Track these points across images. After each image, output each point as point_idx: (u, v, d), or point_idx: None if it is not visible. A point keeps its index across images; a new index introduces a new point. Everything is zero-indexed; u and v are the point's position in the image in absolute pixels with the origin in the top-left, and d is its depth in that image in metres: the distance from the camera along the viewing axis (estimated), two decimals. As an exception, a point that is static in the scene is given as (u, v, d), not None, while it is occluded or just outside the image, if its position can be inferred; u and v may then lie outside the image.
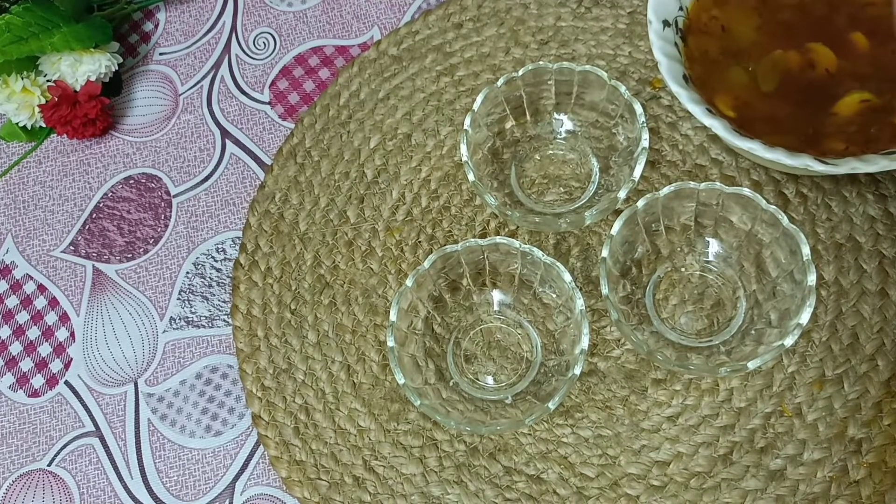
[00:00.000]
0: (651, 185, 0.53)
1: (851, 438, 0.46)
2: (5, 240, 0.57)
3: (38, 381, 0.53)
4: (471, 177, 0.47)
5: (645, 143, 0.46)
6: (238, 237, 0.55)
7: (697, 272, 0.49)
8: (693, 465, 0.46)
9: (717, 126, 0.43)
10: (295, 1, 0.62)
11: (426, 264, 0.46)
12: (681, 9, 0.48)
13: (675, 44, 0.47)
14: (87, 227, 0.57)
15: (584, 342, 0.43)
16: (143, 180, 0.58)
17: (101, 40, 0.57)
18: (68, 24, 0.56)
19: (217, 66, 0.61)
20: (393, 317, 0.45)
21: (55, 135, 0.59)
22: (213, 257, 0.55)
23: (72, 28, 0.56)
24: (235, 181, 0.57)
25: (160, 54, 0.62)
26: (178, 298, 0.54)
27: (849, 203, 0.51)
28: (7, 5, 0.56)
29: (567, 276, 0.44)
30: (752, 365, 0.41)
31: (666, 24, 0.47)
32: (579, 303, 0.44)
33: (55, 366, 0.54)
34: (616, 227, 0.45)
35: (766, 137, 0.44)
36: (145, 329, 0.54)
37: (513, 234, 0.52)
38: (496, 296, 0.50)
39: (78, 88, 0.56)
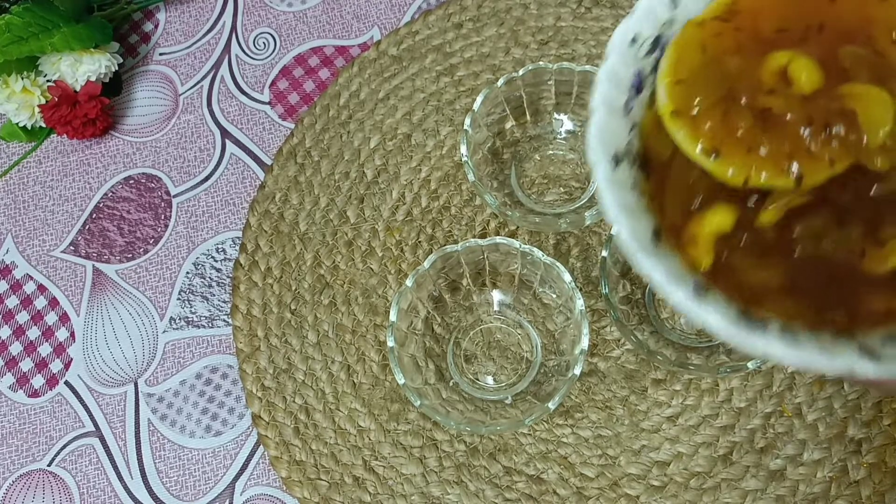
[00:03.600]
0: (651, 185, 0.53)
1: (851, 438, 0.46)
2: (5, 240, 0.57)
3: (38, 381, 0.53)
4: (471, 177, 0.47)
5: (645, 143, 0.46)
6: (238, 237, 0.55)
7: None
8: (693, 465, 0.46)
9: (715, 322, 0.28)
10: (295, 1, 0.62)
11: (426, 264, 0.46)
12: (633, 128, 0.33)
13: (634, 182, 0.33)
14: (87, 227, 0.57)
15: (584, 342, 0.43)
16: (143, 180, 0.58)
17: (101, 40, 0.57)
18: (68, 24, 0.56)
19: (217, 66, 0.61)
20: (393, 317, 0.45)
21: (55, 135, 0.59)
22: (213, 257, 0.55)
23: (72, 28, 0.56)
24: (235, 181, 0.57)
25: (160, 54, 0.62)
26: (178, 298, 0.54)
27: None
28: (7, 5, 0.56)
29: (567, 276, 0.44)
30: (751, 365, 0.41)
31: (616, 160, 0.33)
32: (579, 303, 0.44)
33: (55, 366, 0.54)
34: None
35: (774, 304, 0.30)
36: (145, 329, 0.54)
37: (513, 234, 0.52)
38: (496, 296, 0.50)
39: (78, 88, 0.56)
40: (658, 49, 0.34)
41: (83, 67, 0.56)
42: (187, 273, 0.55)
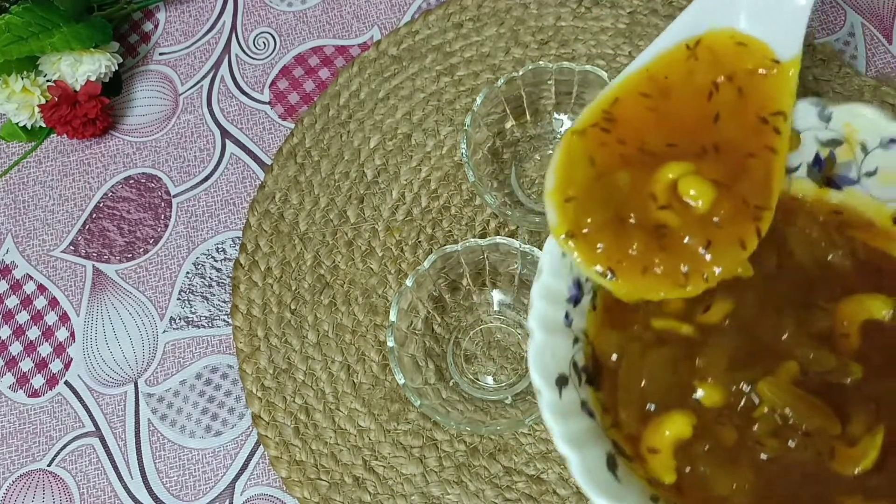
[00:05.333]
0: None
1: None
2: (5, 240, 0.57)
3: (38, 381, 0.53)
4: (471, 177, 0.47)
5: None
6: (238, 237, 0.55)
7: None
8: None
9: None
10: (295, 1, 0.62)
11: (426, 264, 0.46)
12: (576, 341, 0.32)
13: (584, 400, 0.30)
14: (87, 227, 0.57)
15: (584, 342, 0.43)
16: (143, 180, 0.58)
17: (101, 40, 0.57)
18: (68, 24, 0.56)
19: (217, 66, 0.61)
20: (393, 317, 0.45)
21: (55, 135, 0.59)
22: (213, 257, 0.55)
23: (72, 28, 0.56)
24: (235, 181, 0.57)
25: (160, 54, 0.62)
26: (178, 298, 0.54)
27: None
28: (7, 5, 0.56)
29: (567, 276, 0.44)
30: None
31: (562, 382, 0.30)
32: (579, 303, 0.44)
33: (55, 366, 0.54)
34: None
35: None
36: (145, 329, 0.54)
37: (513, 234, 0.52)
38: (496, 296, 0.50)
39: (78, 88, 0.56)
40: None
41: (83, 67, 0.56)
42: (187, 273, 0.55)
